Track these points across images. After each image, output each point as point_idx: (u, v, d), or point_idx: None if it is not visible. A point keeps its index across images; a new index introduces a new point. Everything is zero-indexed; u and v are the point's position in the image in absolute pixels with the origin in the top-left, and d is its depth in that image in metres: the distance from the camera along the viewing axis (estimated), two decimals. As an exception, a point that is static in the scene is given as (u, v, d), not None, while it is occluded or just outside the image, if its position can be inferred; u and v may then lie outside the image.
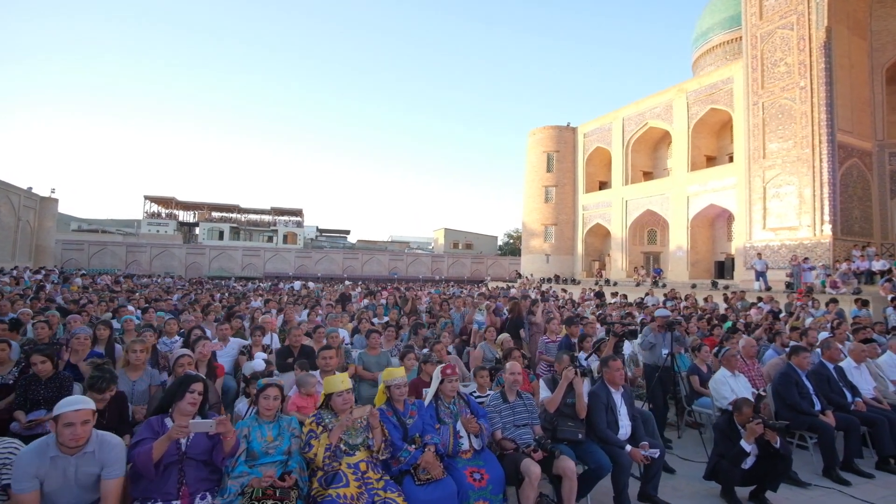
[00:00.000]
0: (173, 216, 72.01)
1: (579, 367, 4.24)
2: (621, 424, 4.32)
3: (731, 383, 5.45)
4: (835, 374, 5.87)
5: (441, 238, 76.88)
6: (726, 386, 5.41)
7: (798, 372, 5.52)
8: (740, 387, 5.44)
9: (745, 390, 5.45)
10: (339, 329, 7.59)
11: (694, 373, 6.25)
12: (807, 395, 5.38)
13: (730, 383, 5.44)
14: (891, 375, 6.73)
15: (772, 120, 23.82)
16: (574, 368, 4.22)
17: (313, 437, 3.30)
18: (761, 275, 20.97)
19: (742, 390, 5.40)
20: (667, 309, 8.37)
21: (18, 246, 36.00)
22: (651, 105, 31.83)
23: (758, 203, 24.23)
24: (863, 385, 6.14)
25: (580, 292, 23.05)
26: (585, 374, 4.25)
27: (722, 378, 5.50)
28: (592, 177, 38.00)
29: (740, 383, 5.49)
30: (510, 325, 7.65)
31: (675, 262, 29.94)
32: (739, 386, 5.45)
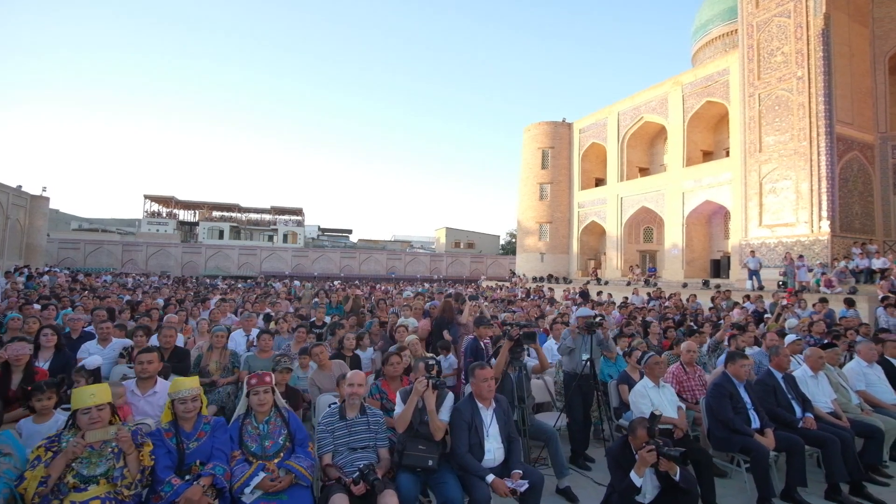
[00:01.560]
0: (173, 215, 71.90)
1: (433, 379, 3.44)
2: (488, 448, 3.52)
3: (653, 396, 4.62)
4: (783, 385, 5.01)
5: (442, 237, 76.12)
6: (646, 399, 4.58)
7: (734, 382, 4.67)
8: (664, 400, 4.61)
9: (670, 404, 4.62)
10: (240, 329, 6.86)
11: (624, 382, 5.42)
12: (743, 411, 4.53)
13: (650, 396, 4.60)
14: (856, 385, 5.84)
15: (768, 112, 22.77)
16: (427, 379, 3.42)
17: (33, 468, 2.54)
18: (754, 273, 19.95)
19: (665, 404, 4.57)
20: (589, 308, 7.51)
21: (7, 244, 35.72)
22: (646, 99, 30.82)
23: (754, 199, 23.19)
24: (819, 397, 5.27)
25: (568, 292, 22.16)
26: (437, 387, 3.45)
27: (642, 389, 4.66)
28: (588, 173, 37.02)
29: (664, 396, 4.66)
30: (435, 325, 6.86)
31: (671, 260, 28.91)
32: (663, 399, 4.62)
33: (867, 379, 5.89)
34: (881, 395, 5.79)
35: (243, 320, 7.45)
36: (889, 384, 5.96)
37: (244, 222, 74.80)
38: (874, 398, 5.75)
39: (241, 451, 3.11)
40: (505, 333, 4.61)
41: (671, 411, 4.54)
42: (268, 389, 3.27)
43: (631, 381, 5.37)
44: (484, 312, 7.25)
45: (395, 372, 4.42)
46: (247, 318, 7.46)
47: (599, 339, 5.37)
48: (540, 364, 4.86)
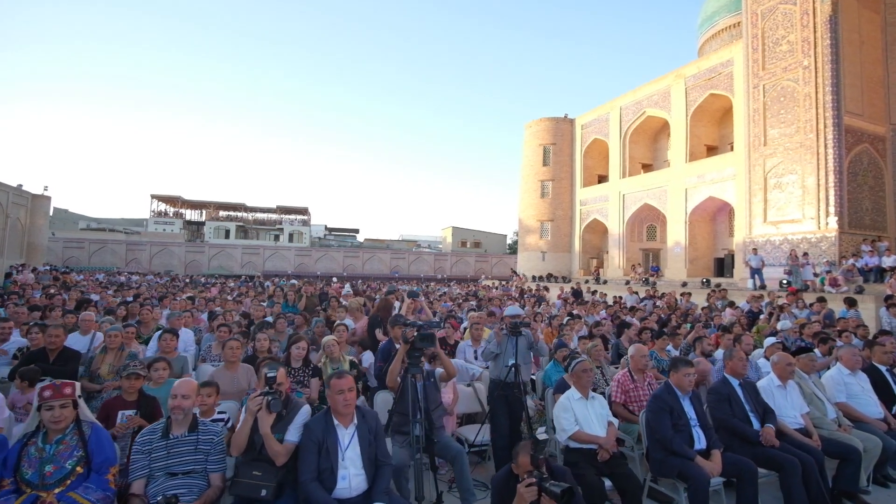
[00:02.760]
0: (179, 215, 72.22)
1: (269, 396, 2.80)
2: (343, 475, 2.87)
3: (578, 409, 3.92)
4: (741, 394, 4.29)
5: (449, 236, 75.53)
6: (569, 413, 3.89)
7: (677, 394, 3.96)
8: (590, 414, 3.92)
9: (598, 419, 3.93)
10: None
11: (560, 390, 4.72)
12: (685, 428, 3.82)
13: (575, 409, 3.90)
14: (836, 397, 5.09)
15: (773, 103, 21.78)
16: (262, 396, 2.79)
17: None
18: (756, 272, 19.01)
19: (591, 419, 3.88)
20: (519, 308, 6.78)
21: (7, 243, 35.79)
22: (648, 93, 29.87)
23: (758, 194, 22.21)
24: (787, 410, 4.54)
25: (561, 291, 21.38)
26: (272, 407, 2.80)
27: (566, 402, 3.97)
28: (591, 170, 36.11)
29: (592, 409, 3.96)
30: (370, 325, 6.23)
31: (673, 259, 27.95)
32: (590, 413, 3.93)
33: (849, 389, 5.13)
34: (865, 408, 5.03)
35: (173, 319, 6.89)
36: (875, 395, 5.21)
37: (250, 222, 74.98)
38: (856, 412, 5.00)
39: (15, 478, 2.50)
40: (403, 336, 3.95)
41: (597, 427, 3.85)
42: (66, 403, 2.67)
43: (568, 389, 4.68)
44: (426, 310, 6.60)
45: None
46: (177, 317, 6.89)
47: (530, 342, 4.70)
48: (446, 372, 4.19)
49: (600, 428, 3.86)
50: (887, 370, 5.59)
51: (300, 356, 4.78)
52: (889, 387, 5.46)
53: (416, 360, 3.76)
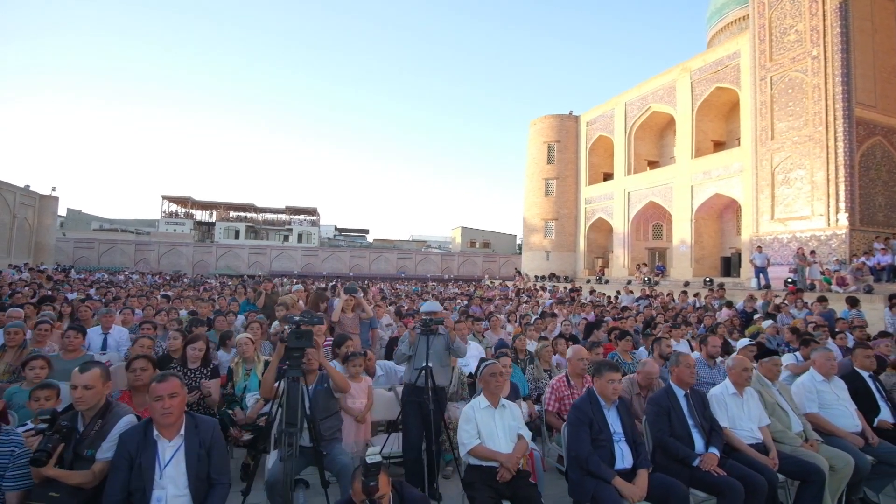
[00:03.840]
0: (190, 215, 72.81)
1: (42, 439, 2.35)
2: (158, 497, 2.42)
3: (483, 419, 3.40)
4: (685, 406, 3.73)
5: (458, 237, 75.08)
6: (471, 425, 3.37)
7: (599, 404, 3.42)
8: (496, 426, 3.40)
9: (506, 431, 3.40)
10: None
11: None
12: (606, 443, 3.29)
13: (478, 419, 3.38)
14: (806, 407, 4.49)
15: (781, 96, 20.90)
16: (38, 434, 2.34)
17: None
18: (761, 271, 18.20)
19: (496, 431, 3.36)
20: (437, 303, 6.22)
21: (15, 243, 36.20)
22: (653, 87, 29.04)
23: (765, 190, 21.33)
24: (742, 423, 3.96)
25: (556, 290, 20.77)
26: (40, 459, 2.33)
27: (469, 412, 3.45)
28: (596, 168, 35.32)
29: (500, 420, 3.43)
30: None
31: (679, 258, 27.09)
32: (496, 424, 3.40)
33: (822, 399, 4.53)
34: (839, 420, 4.43)
35: (101, 317, 6.52)
36: (853, 405, 4.59)
37: (260, 222, 75.38)
38: (828, 424, 4.39)
39: None
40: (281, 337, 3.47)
41: (502, 441, 3.33)
42: None
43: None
44: (366, 308, 6.13)
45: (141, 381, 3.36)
46: (104, 313, 6.52)
47: (448, 343, 4.20)
48: (335, 382, 3.72)
49: (507, 442, 3.33)
50: (870, 377, 4.97)
51: (197, 357, 4.35)
52: (871, 396, 4.84)
53: (297, 361, 3.28)
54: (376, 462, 2.15)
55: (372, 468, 2.13)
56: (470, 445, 3.26)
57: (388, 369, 5.32)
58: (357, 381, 4.52)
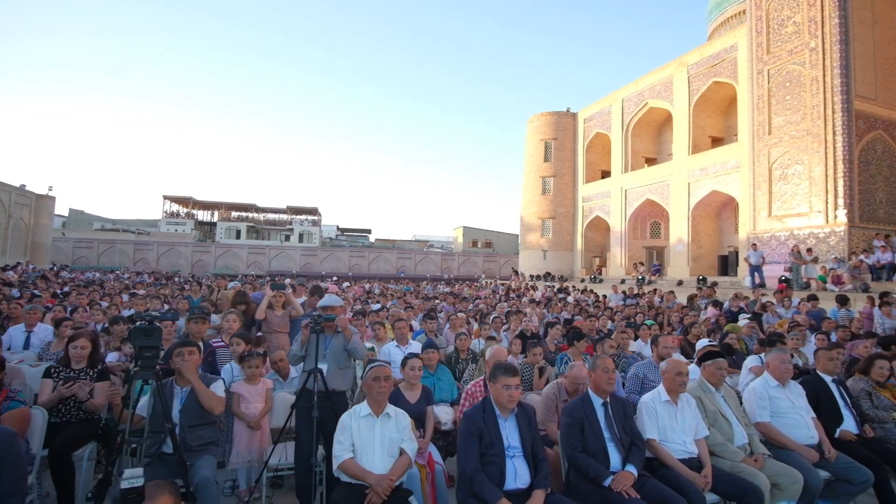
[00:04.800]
0: (191, 215, 72.84)
1: None
2: None
3: (363, 430, 2.95)
4: (601, 417, 3.27)
5: (460, 236, 74.72)
6: (346, 434, 2.92)
7: (494, 413, 2.97)
8: (375, 438, 2.94)
9: (384, 445, 2.95)
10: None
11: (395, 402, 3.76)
12: (498, 459, 2.83)
13: (354, 430, 2.94)
14: (756, 416, 4.01)
15: (778, 89, 20.28)
16: None
17: None
18: (756, 269, 17.60)
19: (373, 445, 2.91)
20: (337, 297, 5.72)
21: (10, 242, 36.16)
22: (651, 83, 28.44)
23: (762, 187, 20.72)
24: (674, 434, 3.49)
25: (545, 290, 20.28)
26: None
27: (346, 420, 3.00)
28: (594, 165, 34.73)
29: (381, 432, 2.98)
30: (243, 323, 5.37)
31: (676, 256, 26.49)
32: (375, 437, 2.95)
33: (775, 406, 4.04)
34: (792, 431, 3.94)
35: (25, 313, 6.15)
36: (812, 413, 4.10)
37: (261, 222, 75.28)
38: (780, 435, 3.91)
39: None
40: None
41: (378, 456, 2.87)
42: None
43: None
44: (296, 306, 5.71)
45: None
46: (30, 310, 6.15)
47: (345, 343, 3.77)
48: (202, 400, 3.29)
49: (384, 457, 2.89)
50: (834, 382, 4.47)
51: (81, 357, 3.94)
52: (834, 403, 4.34)
53: (149, 361, 2.87)
54: (133, 488, 1.72)
55: (128, 495, 1.70)
56: (340, 459, 2.82)
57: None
58: (254, 384, 4.10)
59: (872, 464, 3.84)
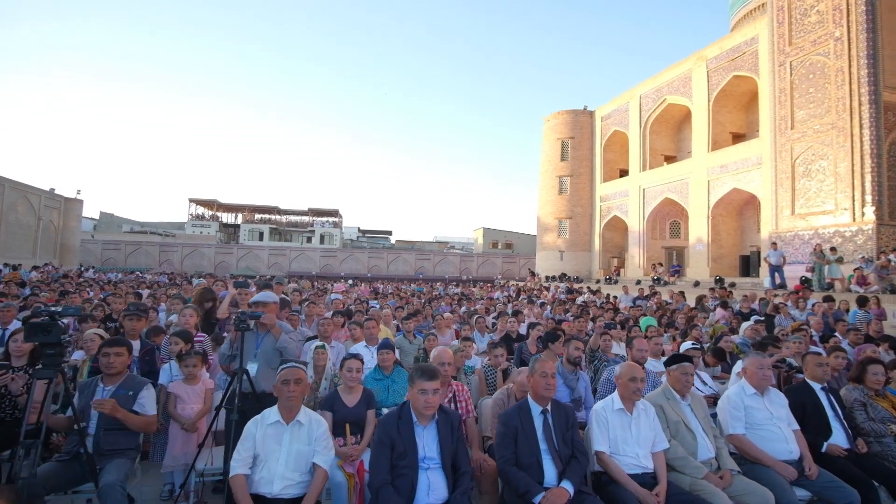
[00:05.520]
0: (216, 218, 74.32)
1: None
2: None
3: (264, 439, 2.72)
4: (538, 427, 2.98)
5: (480, 238, 74.39)
6: (248, 443, 2.71)
7: (411, 421, 2.71)
8: (281, 451, 2.71)
9: (289, 459, 2.70)
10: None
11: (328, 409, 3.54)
12: (407, 471, 2.57)
13: (258, 439, 2.71)
14: (730, 427, 3.64)
15: (801, 82, 19.43)
16: None
17: None
18: (776, 269, 16.83)
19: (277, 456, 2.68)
20: (273, 294, 5.37)
21: (41, 244, 37.37)
22: (669, 78, 27.64)
23: (785, 184, 19.88)
24: (627, 445, 3.17)
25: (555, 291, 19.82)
26: None
27: (251, 428, 2.78)
28: (612, 164, 33.98)
29: (289, 443, 2.74)
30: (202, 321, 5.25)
31: (695, 257, 25.65)
32: (282, 449, 2.71)
33: (751, 416, 3.67)
34: (770, 445, 3.55)
35: (0, 311, 6.15)
36: (793, 425, 3.71)
37: (283, 224, 76.34)
38: (754, 449, 3.53)
39: None
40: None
41: (279, 472, 2.63)
42: None
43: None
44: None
45: None
46: (3, 308, 6.15)
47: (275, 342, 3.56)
48: (129, 426, 3.12)
49: (290, 472, 2.63)
50: (823, 390, 4.06)
51: (20, 351, 3.83)
52: (822, 414, 3.94)
53: (52, 359, 2.72)
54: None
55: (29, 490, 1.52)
56: (231, 473, 2.59)
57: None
58: (192, 384, 3.93)
59: (861, 483, 3.45)
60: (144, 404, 3.25)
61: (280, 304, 5.44)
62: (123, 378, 3.35)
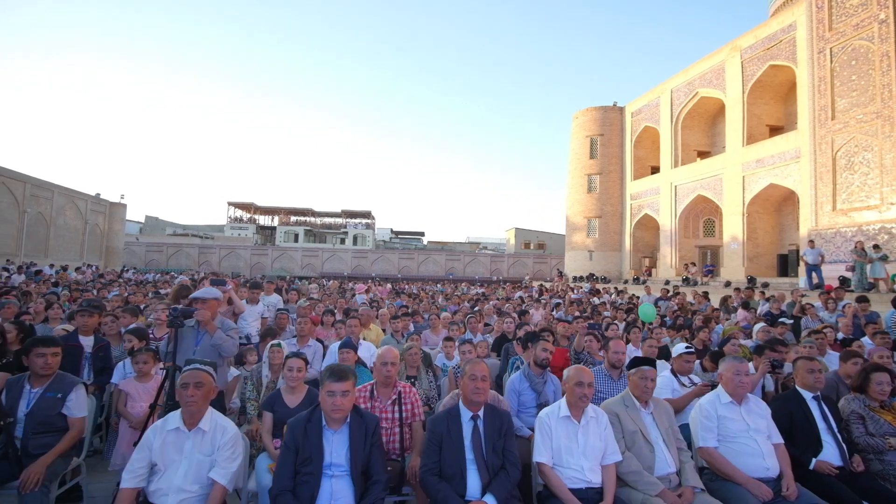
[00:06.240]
0: (253, 220, 76.46)
1: None
2: None
3: (162, 447, 2.58)
4: (468, 433, 2.76)
5: (512, 238, 73.81)
6: (143, 452, 2.56)
7: (321, 425, 2.54)
8: (181, 461, 2.57)
9: (187, 469, 2.56)
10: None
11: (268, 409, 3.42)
12: (312, 479, 2.41)
13: (154, 446, 2.57)
14: (702, 439, 3.32)
15: (843, 69, 18.26)
16: None
17: None
18: (813, 269, 15.81)
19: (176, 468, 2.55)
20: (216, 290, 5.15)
21: (87, 246, 39.27)
22: (701, 71, 26.54)
23: (825, 178, 18.75)
24: (572, 457, 2.91)
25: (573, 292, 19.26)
26: None
27: (149, 436, 2.62)
28: (642, 161, 32.95)
29: (191, 453, 2.59)
30: (169, 319, 5.24)
31: (730, 256, 24.50)
32: (181, 458, 2.57)
33: (724, 427, 3.32)
34: (743, 460, 3.19)
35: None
36: (774, 438, 3.34)
37: (318, 226, 77.82)
38: (725, 464, 3.18)
39: None
40: None
41: (177, 483, 2.49)
42: None
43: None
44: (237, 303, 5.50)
45: None
46: (4, 305, 6.35)
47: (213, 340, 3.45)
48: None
49: (188, 483, 2.46)
50: (815, 399, 3.66)
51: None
52: (812, 426, 3.54)
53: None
54: None
55: None
56: (122, 486, 2.45)
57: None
58: (144, 381, 3.89)
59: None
60: (72, 407, 3.18)
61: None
62: (52, 379, 3.26)
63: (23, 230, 31.33)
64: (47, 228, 34.13)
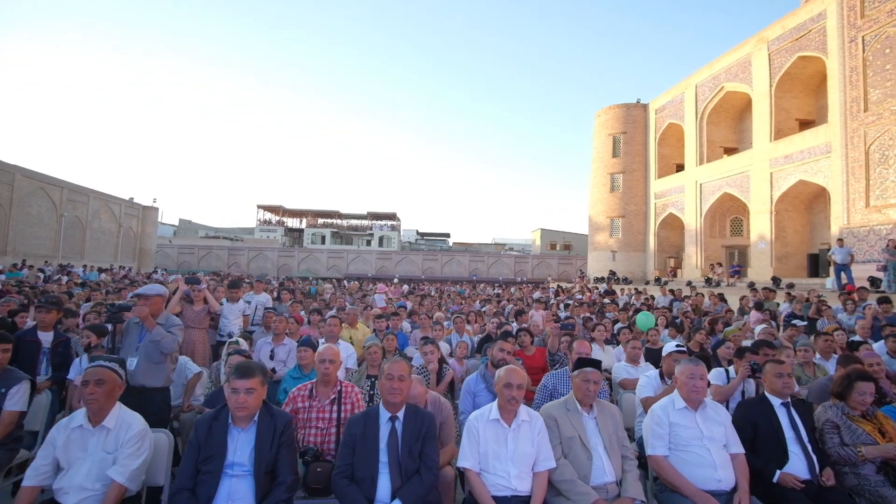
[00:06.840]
0: (281, 223, 78.02)
1: None
2: None
3: (66, 444, 2.53)
4: (384, 436, 2.66)
5: (538, 239, 73.13)
6: (47, 449, 2.54)
7: (227, 424, 2.48)
8: (85, 457, 2.54)
9: (91, 466, 2.51)
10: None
11: (210, 405, 3.39)
12: (210, 478, 2.35)
13: (58, 444, 2.54)
14: (651, 447, 3.13)
15: (876, 58, 17.35)
16: None
17: None
18: (843, 268, 14.99)
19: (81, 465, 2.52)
20: (160, 287, 5.11)
21: (121, 249, 40.76)
22: (726, 64, 25.64)
23: (858, 173, 17.83)
24: (500, 461, 2.77)
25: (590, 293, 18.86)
26: None
27: (53, 434, 2.59)
28: (667, 159, 32.06)
29: (95, 450, 2.55)
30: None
31: (757, 256, 23.57)
32: (86, 454, 2.55)
33: (675, 434, 3.11)
34: (693, 470, 2.98)
35: (-1, 308, 6.58)
36: (732, 448, 3.11)
37: (344, 228, 78.84)
38: (674, 474, 2.98)
39: None
40: None
41: (78, 480, 2.45)
42: None
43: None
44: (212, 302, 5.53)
45: None
46: (4, 303, 6.58)
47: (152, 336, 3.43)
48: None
49: (90, 482, 2.40)
50: (784, 406, 3.40)
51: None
52: (778, 436, 3.29)
53: None
54: None
55: None
56: (25, 483, 2.43)
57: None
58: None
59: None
60: (8, 400, 3.23)
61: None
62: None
63: (60, 233, 32.71)
64: (83, 231, 35.52)
